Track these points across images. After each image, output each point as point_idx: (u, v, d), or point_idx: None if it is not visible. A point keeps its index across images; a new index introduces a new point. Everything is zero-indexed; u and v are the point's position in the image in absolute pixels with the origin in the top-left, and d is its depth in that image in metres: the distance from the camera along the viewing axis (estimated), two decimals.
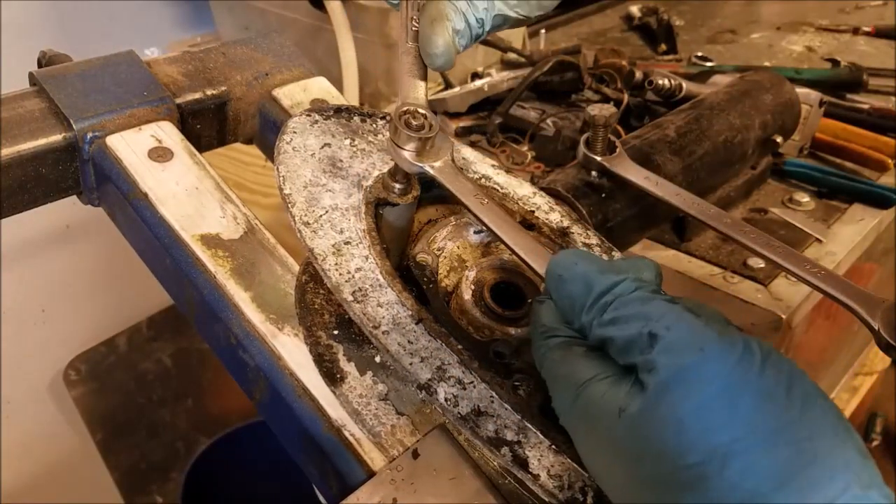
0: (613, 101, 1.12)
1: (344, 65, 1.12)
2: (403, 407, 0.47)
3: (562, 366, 0.40)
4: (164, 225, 0.57)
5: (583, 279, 0.41)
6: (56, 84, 0.64)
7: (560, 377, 0.40)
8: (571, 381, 0.39)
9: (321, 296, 0.51)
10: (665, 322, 0.36)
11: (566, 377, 0.40)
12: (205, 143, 0.73)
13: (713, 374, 0.33)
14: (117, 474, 1.60)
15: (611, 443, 0.36)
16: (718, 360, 0.34)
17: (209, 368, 1.69)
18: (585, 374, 0.39)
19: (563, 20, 1.66)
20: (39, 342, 1.53)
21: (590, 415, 0.38)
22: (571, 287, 0.41)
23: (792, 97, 0.96)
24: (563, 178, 0.73)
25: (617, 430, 0.36)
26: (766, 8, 1.74)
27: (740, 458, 0.31)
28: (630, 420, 0.35)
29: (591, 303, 0.40)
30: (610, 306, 0.39)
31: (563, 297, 0.42)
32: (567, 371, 0.40)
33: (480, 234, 0.55)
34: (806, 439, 0.31)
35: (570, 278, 0.42)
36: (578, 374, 0.39)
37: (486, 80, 1.25)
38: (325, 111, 0.59)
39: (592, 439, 0.38)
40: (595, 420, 0.37)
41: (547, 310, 0.43)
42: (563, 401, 0.40)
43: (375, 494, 0.43)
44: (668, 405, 0.34)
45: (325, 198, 0.52)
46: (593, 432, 0.37)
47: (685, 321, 0.36)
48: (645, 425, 0.34)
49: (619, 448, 0.36)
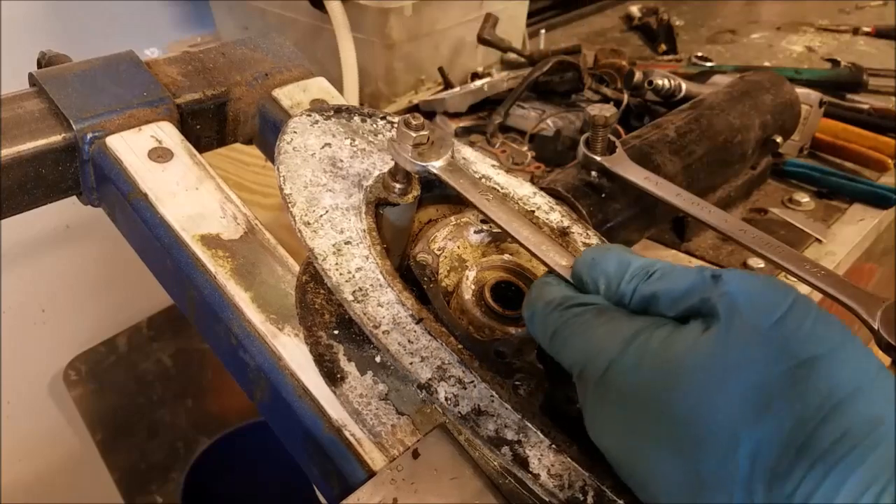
0: (613, 101, 1.12)
1: (344, 65, 1.12)
2: (404, 407, 0.47)
3: (598, 327, 0.40)
4: (164, 225, 0.57)
5: (617, 259, 0.42)
6: (56, 84, 0.64)
7: (596, 337, 0.39)
8: (616, 337, 0.38)
9: (321, 296, 0.51)
10: (720, 271, 0.38)
11: (606, 335, 0.39)
12: (205, 143, 0.73)
13: (783, 294, 0.35)
14: (117, 474, 1.60)
15: (687, 373, 0.35)
16: (782, 286, 0.36)
17: (209, 368, 1.69)
18: (635, 326, 0.39)
19: (563, 20, 1.66)
20: (39, 342, 1.53)
21: (651, 358, 0.37)
22: (606, 265, 0.42)
23: (792, 97, 0.96)
24: (563, 178, 0.73)
25: (697, 356, 0.35)
26: (766, 8, 1.74)
27: (828, 359, 0.33)
28: (710, 344, 0.35)
29: (631, 274, 0.41)
30: (654, 273, 0.40)
31: (594, 275, 0.42)
32: (608, 329, 0.39)
33: (481, 234, 0.56)
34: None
35: (602, 260, 0.42)
36: (626, 329, 0.39)
37: (486, 80, 1.25)
38: (325, 111, 0.59)
39: (651, 386, 0.36)
40: (660, 360, 0.36)
41: (558, 287, 0.43)
42: (599, 360, 0.38)
43: (376, 494, 0.43)
44: (748, 323, 0.35)
45: (325, 197, 0.52)
46: (657, 374, 0.36)
47: (740, 272, 0.38)
48: (730, 343, 0.34)
49: (697, 376, 0.35)
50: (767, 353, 0.33)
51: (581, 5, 1.71)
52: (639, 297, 0.40)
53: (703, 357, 0.35)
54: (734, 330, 0.35)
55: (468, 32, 1.28)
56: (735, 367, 0.34)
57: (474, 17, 1.27)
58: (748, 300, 0.35)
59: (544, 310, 0.43)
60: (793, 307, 0.35)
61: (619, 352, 0.38)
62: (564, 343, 0.41)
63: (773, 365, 0.33)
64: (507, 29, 1.31)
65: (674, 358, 0.36)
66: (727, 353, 0.34)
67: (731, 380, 0.33)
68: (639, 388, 0.36)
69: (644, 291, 0.40)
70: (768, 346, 0.34)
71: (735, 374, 0.34)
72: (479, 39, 1.24)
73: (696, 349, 0.35)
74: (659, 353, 0.37)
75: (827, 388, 0.32)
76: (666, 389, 0.35)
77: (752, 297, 0.35)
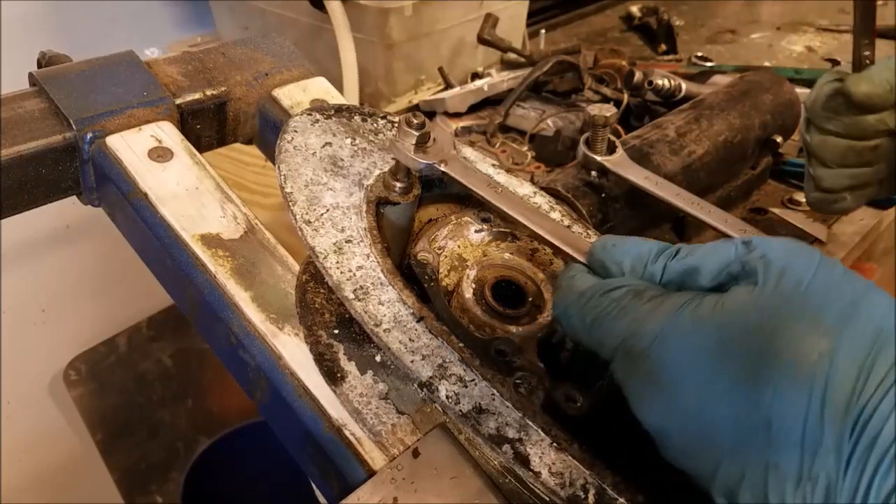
0: (613, 101, 1.12)
1: (344, 65, 1.12)
2: (404, 406, 0.47)
3: (641, 305, 0.41)
4: (164, 225, 0.57)
5: (636, 242, 0.44)
6: (56, 84, 0.64)
7: (640, 315, 0.41)
8: (661, 311, 0.40)
9: (322, 295, 0.51)
10: (747, 238, 0.41)
11: (650, 312, 0.40)
12: (205, 143, 0.73)
13: (811, 252, 0.39)
14: (117, 474, 1.60)
15: (756, 323, 0.37)
16: (806, 246, 0.40)
17: (209, 368, 1.69)
18: (678, 299, 0.40)
19: (563, 20, 1.66)
20: (39, 342, 1.53)
21: (711, 320, 0.38)
22: (627, 248, 0.44)
23: (792, 97, 0.96)
24: (563, 178, 0.73)
25: (760, 310, 0.37)
26: (766, 8, 1.74)
27: (865, 299, 0.37)
28: (766, 298, 0.38)
29: (657, 254, 0.43)
30: (680, 251, 0.43)
31: (618, 259, 0.44)
32: (652, 305, 0.41)
33: (481, 234, 0.56)
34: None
35: (622, 244, 0.45)
36: (669, 303, 0.40)
37: (486, 80, 1.25)
38: (326, 110, 0.60)
39: (721, 341, 0.38)
40: (723, 320, 0.38)
41: (587, 276, 0.45)
42: (646, 336, 0.40)
43: (376, 494, 0.43)
44: (791, 279, 0.38)
45: (326, 196, 0.52)
46: (724, 332, 0.38)
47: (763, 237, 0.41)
48: (783, 296, 0.37)
49: (767, 324, 0.37)
50: (816, 302, 0.37)
51: (581, 5, 1.71)
52: (672, 275, 0.42)
53: (766, 309, 0.37)
54: (782, 285, 0.38)
55: (468, 32, 1.28)
56: (791, 316, 0.37)
57: (474, 17, 1.27)
58: (785, 259, 0.39)
59: (580, 300, 0.44)
60: (822, 263, 0.39)
61: (668, 323, 0.39)
62: (606, 327, 0.42)
63: (825, 310, 0.36)
64: (507, 29, 1.31)
65: (735, 315, 0.38)
66: (783, 304, 0.37)
67: (796, 325, 0.36)
68: (699, 349, 0.38)
69: (677, 268, 0.42)
70: (815, 296, 0.37)
71: (796, 321, 0.36)
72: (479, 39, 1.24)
73: (758, 303, 0.38)
74: (717, 316, 0.38)
75: (872, 321, 0.36)
76: (738, 341, 0.37)
77: (787, 257, 0.39)
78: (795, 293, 0.37)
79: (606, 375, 0.49)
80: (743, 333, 0.37)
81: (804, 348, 0.36)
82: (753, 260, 0.39)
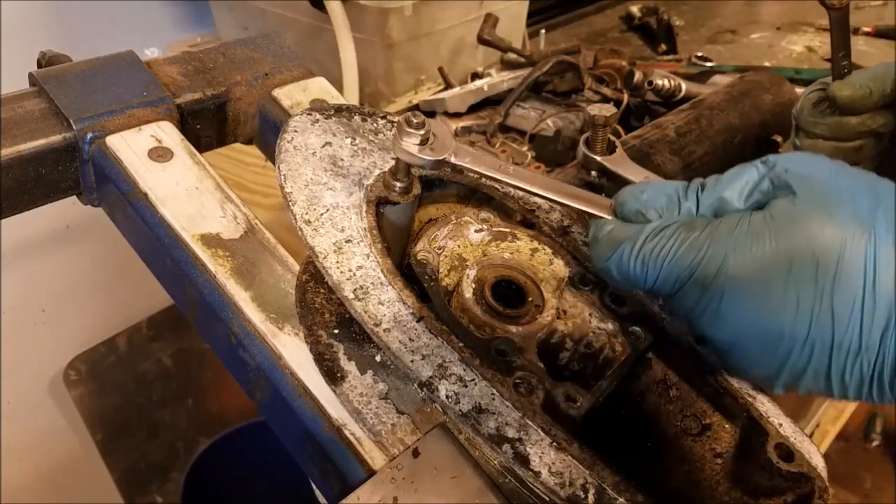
0: (613, 101, 1.12)
1: (344, 65, 1.11)
2: (404, 406, 0.47)
3: (696, 236, 0.45)
4: (164, 225, 0.57)
5: (663, 184, 0.48)
6: (56, 84, 0.64)
7: (699, 244, 0.44)
8: (718, 236, 0.44)
9: (322, 295, 0.51)
10: (764, 158, 0.46)
11: (706, 239, 0.44)
12: (205, 143, 0.73)
13: (822, 158, 0.45)
14: (117, 474, 1.60)
15: (794, 237, 0.42)
16: (815, 154, 0.46)
17: (209, 368, 1.69)
18: (733, 220, 0.44)
19: (563, 20, 1.66)
20: (39, 342, 1.53)
21: (768, 232, 0.43)
22: (655, 191, 0.47)
23: (792, 97, 0.96)
24: (563, 179, 0.73)
25: (807, 211, 0.42)
26: (766, 8, 1.74)
27: (881, 186, 0.43)
28: (806, 202, 0.43)
29: (684, 191, 0.47)
30: (706, 183, 0.47)
31: (651, 202, 0.47)
32: (707, 233, 0.44)
33: (481, 233, 0.56)
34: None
35: (647, 188, 0.48)
36: (727, 225, 0.44)
37: (486, 80, 1.25)
38: (326, 110, 0.60)
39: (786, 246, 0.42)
40: (777, 229, 0.43)
41: (625, 226, 0.48)
42: (714, 259, 0.43)
43: (376, 493, 0.43)
44: (818, 181, 0.43)
45: (326, 196, 0.52)
46: (783, 238, 0.42)
47: (777, 155, 0.46)
48: (818, 197, 0.43)
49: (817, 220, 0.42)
50: (847, 196, 0.42)
51: (581, 5, 1.71)
52: (707, 206, 0.46)
53: (810, 213, 0.42)
54: (815, 190, 0.43)
55: (468, 32, 1.28)
56: (830, 213, 0.42)
57: (474, 17, 1.27)
58: (805, 168, 0.44)
59: (632, 247, 0.46)
60: (832, 164, 0.45)
61: (730, 244, 0.43)
62: (671, 264, 0.45)
63: (855, 202, 0.42)
64: (507, 29, 1.31)
65: (785, 224, 0.43)
66: (821, 205, 0.42)
67: (837, 221, 0.42)
68: (763, 260, 0.43)
69: (710, 200, 0.46)
70: (844, 192, 0.43)
71: (836, 216, 0.42)
72: (479, 39, 1.24)
73: (801, 210, 0.43)
74: (771, 227, 0.43)
75: (891, 203, 0.42)
76: (795, 246, 0.42)
77: (806, 166, 0.44)
78: (827, 194, 0.43)
79: (606, 375, 0.49)
80: (796, 238, 0.42)
81: (848, 239, 0.41)
82: (780, 175, 0.45)
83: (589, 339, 0.52)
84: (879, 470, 2.39)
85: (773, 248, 0.42)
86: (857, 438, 2.44)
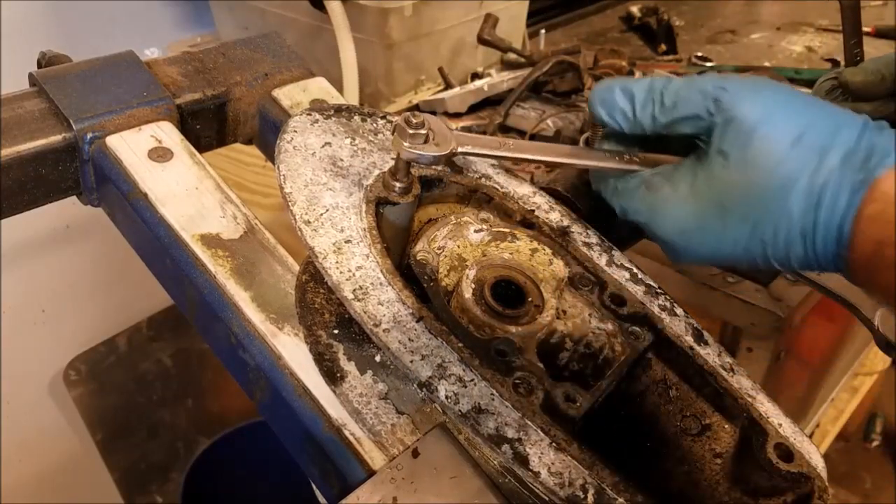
0: None
1: (344, 65, 1.11)
2: (404, 406, 0.47)
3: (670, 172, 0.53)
4: (164, 225, 0.57)
5: (621, 91, 0.54)
6: (56, 84, 0.64)
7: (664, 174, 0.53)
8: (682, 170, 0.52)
9: (321, 295, 0.51)
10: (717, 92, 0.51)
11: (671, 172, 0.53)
12: (205, 143, 0.73)
13: (763, 81, 0.51)
14: (117, 474, 1.60)
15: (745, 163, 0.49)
16: (756, 78, 0.52)
17: (209, 368, 1.69)
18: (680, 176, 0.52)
19: (563, 20, 1.66)
20: (39, 342, 1.53)
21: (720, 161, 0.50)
22: (614, 101, 0.54)
23: None
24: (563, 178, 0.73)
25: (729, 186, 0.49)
26: (766, 8, 1.74)
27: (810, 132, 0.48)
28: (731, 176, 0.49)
29: (642, 104, 0.53)
30: (664, 100, 0.52)
31: (612, 112, 0.54)
32: (668, 169, 0.53)
33: (480, 234, 0.56)
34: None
35: (609, 97, 0.54)
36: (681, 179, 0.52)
37: (486, 80, 1.25)
38: (325, 110, 0.60)
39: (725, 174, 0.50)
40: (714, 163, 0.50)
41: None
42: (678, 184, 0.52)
43: (376, 493, 0.43)
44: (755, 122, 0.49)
45: (325, 196, 0.52)
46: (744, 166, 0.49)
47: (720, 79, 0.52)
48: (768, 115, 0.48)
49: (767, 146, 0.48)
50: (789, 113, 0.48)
51: (581, 5, 1.71)
52: (660, 126, 0.53)
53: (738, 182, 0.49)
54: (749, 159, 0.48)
55: (468, 32, 1.28)
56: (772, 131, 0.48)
57: (474, 17, 1.27)
58: (747, 96, 0.49)
59: (628, 187, 0.56)
60: (774, 85, 0.51)
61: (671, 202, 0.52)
62: (629, 209, 0.55)
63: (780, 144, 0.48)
64: (507, 29, 1.31)
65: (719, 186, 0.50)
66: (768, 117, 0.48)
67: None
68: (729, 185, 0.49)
69: (663, 121, 0.53)
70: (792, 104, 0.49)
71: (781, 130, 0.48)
72: (479, 39, 1.24)
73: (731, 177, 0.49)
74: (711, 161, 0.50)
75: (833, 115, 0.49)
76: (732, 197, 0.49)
77: (747, 94, 0.50)
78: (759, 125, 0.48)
79: (606, 375, 0.49)
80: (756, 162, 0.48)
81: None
82: (721, 124, 0.50)
83: (588, 339, 0.52)
84: (879, 470, 2.40)
85: (712, 204, 0.50)
86: (857, 438, 2.44)
